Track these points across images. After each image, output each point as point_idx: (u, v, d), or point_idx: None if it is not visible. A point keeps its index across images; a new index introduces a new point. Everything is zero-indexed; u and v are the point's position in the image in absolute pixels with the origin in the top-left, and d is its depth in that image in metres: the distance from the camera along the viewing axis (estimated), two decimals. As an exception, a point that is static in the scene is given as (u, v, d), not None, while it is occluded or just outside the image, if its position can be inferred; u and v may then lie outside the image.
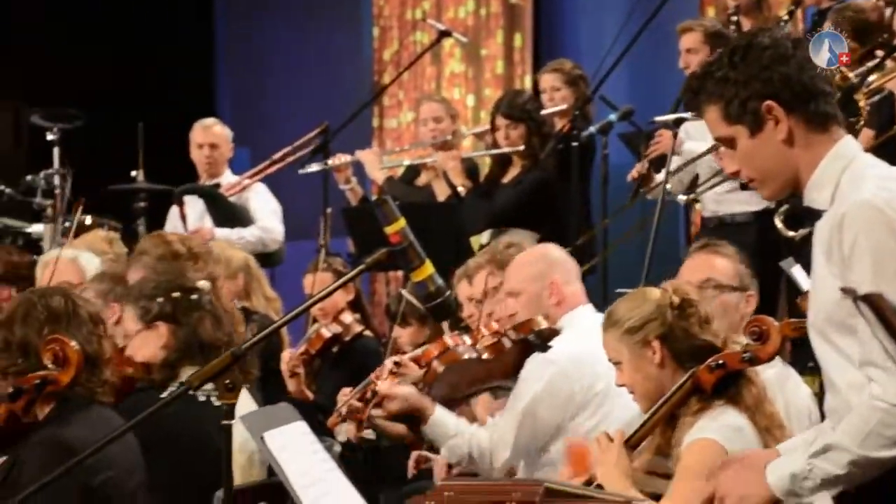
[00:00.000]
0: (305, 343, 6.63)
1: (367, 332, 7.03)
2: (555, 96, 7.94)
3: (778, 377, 4.40)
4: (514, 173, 7.71)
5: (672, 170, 6.43)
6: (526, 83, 10.35)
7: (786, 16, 7.29)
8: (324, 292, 3.54)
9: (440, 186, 7.91)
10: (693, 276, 4.60)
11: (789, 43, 3.12)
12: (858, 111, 5.66)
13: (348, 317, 6.95)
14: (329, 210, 7.80)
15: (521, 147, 7.61)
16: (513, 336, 4.77)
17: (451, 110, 8.35)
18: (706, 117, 3.19)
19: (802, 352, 4.79)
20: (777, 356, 4.01)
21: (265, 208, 8.66)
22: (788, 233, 5.97)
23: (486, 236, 7.61)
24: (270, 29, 11.79)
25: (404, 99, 10.96)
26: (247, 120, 10.68)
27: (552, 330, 4.74)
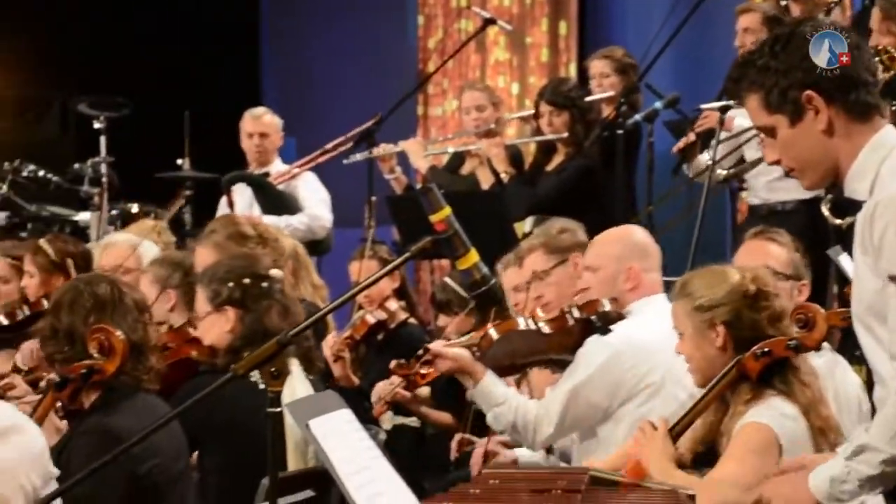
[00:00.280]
0: (350, 328, 6.64)
1: (412, 319, 7.04)
2: (603, 83, 7.91)
3: (827, 364, 4.37)
4: (557, 161, 7.68)
5: (719, 143, 6.40)
6: (571, 71, 10.32)
7: (834, 1, 7.22)
8: (370, 280, 3.53)
9: (484, 174, 7.89)
10: (747, 263, 4.56)
11: None
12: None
13: (393, 304, 6.96)
14: (374, 198, 7.80)
15: (565, 134, 7.58)
16: (576, 314, 4.76)
17: (493, 98, 8.32)
18: (747, 106, 3.18)
19: (850, 341, 4.76)
20: (825, 344, 3.98)
21: (313, 196, 8.68)
22: (836, 220, 5.93)
23: (528, 224, 7.59)
24: (316, 18, 11.80)
25: (449, 87, 10.95)
26: (292, 109, 10.69)
27: (618, 314, 4.73)
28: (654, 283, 4.81)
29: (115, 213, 8.91)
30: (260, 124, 8.93)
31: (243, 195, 8.71)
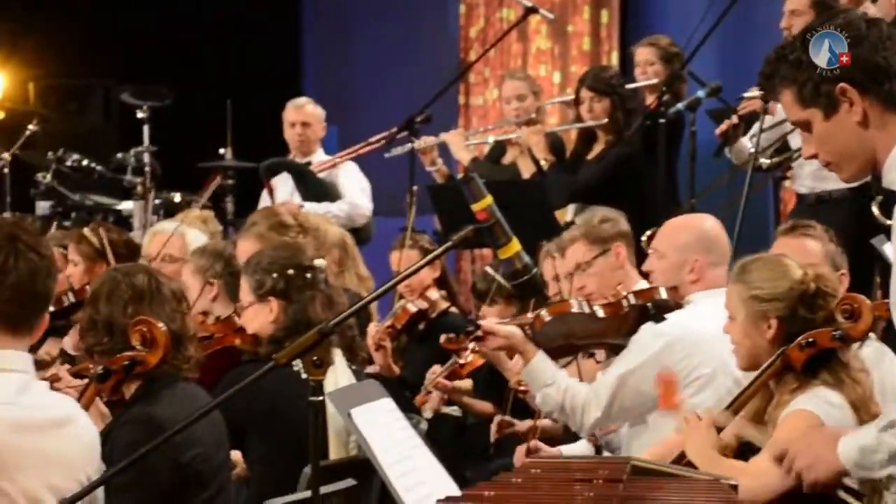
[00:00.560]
0: (391, 318, 6.64)
1: (452, 308, 7.03)
2: (647, 70, 7.87)
3: (874, 354, 4.34)
4: (598, 149, 7.66)
5: (762, 131, 6.36)
6: (612, 60, 10.29)
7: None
8: (411, 269, 3.53)
9: (525, 164, 7.88)
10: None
11: (863, 24, 3.07)
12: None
13: (434, 293, 6.95)
14: (415, 187, 7.80)
15: (605, 120, 7.56)
16: (632, 300, 4.75)
17: (534, 87, 8.29)
18: (782, 100, 3.17)
19: (893, 331, 4.72)
20: (870, 334, 3.95)
21: (354, 185, 8.71)
22: (886, 220, 5.87)
23: (570, 212, 7.57)
24: (358, 7, 11.81)
25: (490, 76, 10.94)
26: (334, 98, 10.70)
27: (675, 303, 4.71)
28: (717, 277, 4.72)
29: (158, 202, 8.96)
30: (302, 114, 8.96)
31: (286, 186, 8.74)
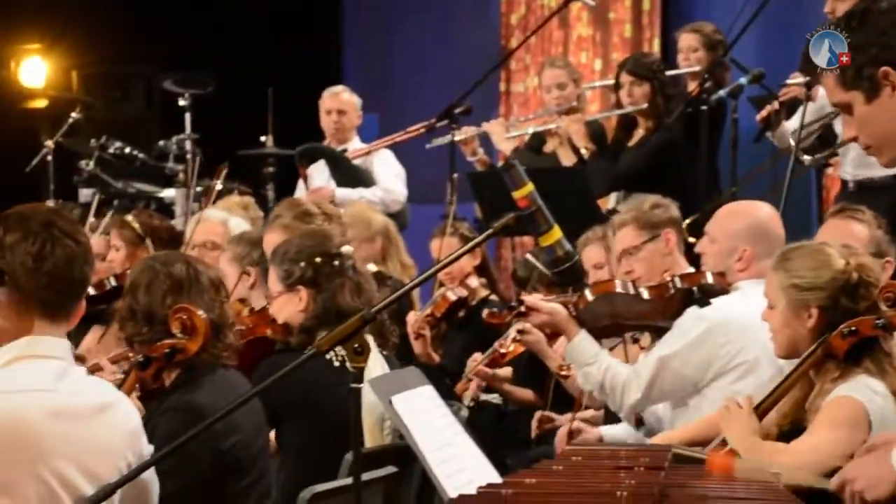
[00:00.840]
0: (431, 306, 6.65)
1: (493, 296, 7.03)
2: (690, 57, 7.83)
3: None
4: (638, 136, 7.64)
5: (804, 122, 6.32)
6: (654, 47, 10.23)
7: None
8: (451, 257, 3.53)
9: (565, 153, 7.87)
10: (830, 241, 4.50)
11: None
12: None
13: (474, 281, 6.95)
14: (456, 175, 7.80)
15: (644, 105, 7.53)
16: (678, 284, 4.74)
17: (574, 74, 8.25)
18: (824, 83, 3.14)
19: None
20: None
21: (388, 171, 8.72)
22: None
23: (612, 200, 7.55)
24: (397, -6, 11.80)
25: (531, 63, 10.90)
26: (374, 85, 10.72)
27: (722, 289, 4.69)
28: (766, 268, 4.71)
29: (199, 189, 8.99)
30: (337, 101, 8.98)
31: (322, 172, 8.75)
